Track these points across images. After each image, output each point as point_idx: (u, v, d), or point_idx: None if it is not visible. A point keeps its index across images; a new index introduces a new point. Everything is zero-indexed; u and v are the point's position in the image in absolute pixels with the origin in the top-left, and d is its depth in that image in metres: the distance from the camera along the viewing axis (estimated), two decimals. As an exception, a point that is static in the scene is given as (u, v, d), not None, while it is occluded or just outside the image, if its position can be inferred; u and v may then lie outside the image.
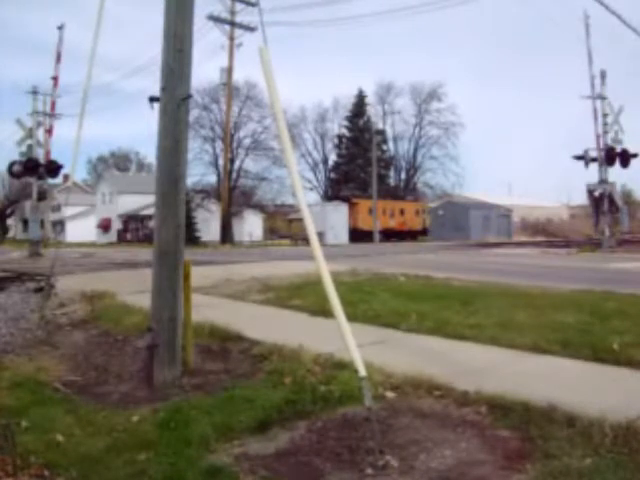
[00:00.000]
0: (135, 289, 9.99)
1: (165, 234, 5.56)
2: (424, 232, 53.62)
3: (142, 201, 50.04)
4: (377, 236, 44.22)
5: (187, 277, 5.76)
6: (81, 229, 56.88)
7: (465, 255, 24.88)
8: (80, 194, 64.89)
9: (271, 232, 54.87)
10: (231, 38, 39.19)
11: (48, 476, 3.49)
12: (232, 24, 38.10)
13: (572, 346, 5.98)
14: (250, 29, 36.45)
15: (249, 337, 6.66)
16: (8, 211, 60.36)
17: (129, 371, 5.94)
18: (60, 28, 25.95)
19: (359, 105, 65.23)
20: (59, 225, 55.12)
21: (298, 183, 4.57)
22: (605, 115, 27.36)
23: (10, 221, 64.28)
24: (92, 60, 6.13)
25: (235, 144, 48.72)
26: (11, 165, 26.27)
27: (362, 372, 3.84)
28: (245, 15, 37.11)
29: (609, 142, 27.32)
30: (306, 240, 4.31)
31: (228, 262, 18.69)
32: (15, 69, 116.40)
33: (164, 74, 5.58)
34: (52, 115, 26.58)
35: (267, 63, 4.40)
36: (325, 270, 4.06)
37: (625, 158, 27.17)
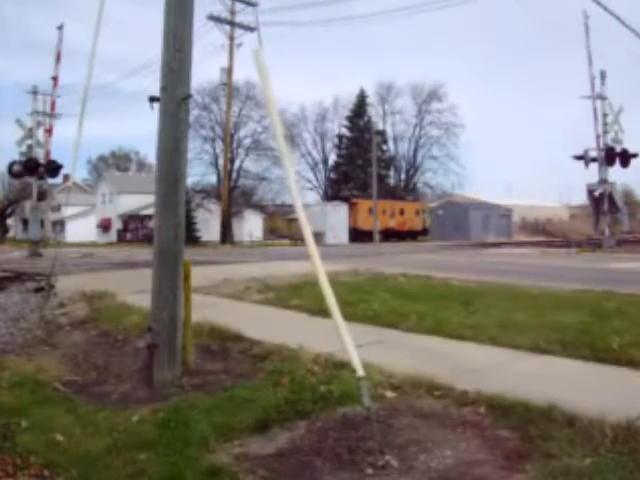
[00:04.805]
0: (135, 289, 9.99)
1: (165, 234, 5.56)
2: (424, 232, 53.61)
3: (142, 201, 49.97)
4: (377, 236, 44.14)
5: (187, 277, 5.76)
6: (81, 229, 56.80)
7: (465, 255, 24.88)
8: (80, 194, 64.82)
9: (271, 232, 54.78)
10: (231, 38, 39.17)
11: (48, 476, 3.49)
12: (232, 24, 38.07)
13: (572, 346, 5.99)
14: (250, 29, 36.39)
15: (249, 337, 6.66)
16: (8, 211, 60.30)
17: (129, 371, 5.93)
18: (60, 28, 25.98)
19: (360, 105, 65.13)
20: (59, 225, 55.10)
21: (294, 185, 4.58)
22: (605, 115, 27.38)
23: (10, 221, 64.20)
24: (92, 60, 6.12)
25: (235, 144, 48.67)
26: (11, 165, 26.26)
27: (360, 372, 3.84)
28: (245, 15, 37.11)
29: (609, 142, 27.33)
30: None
31: (228, 262, 18.70)
32: (15, 69, 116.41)
33: (164, 74, 5.57)
34: (52, 115, 26.58)
35: (262, 64, 4.39)
36: (321, 271, 4.05)
37: (625, 158, 27.18)
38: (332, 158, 66.95)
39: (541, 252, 26.77)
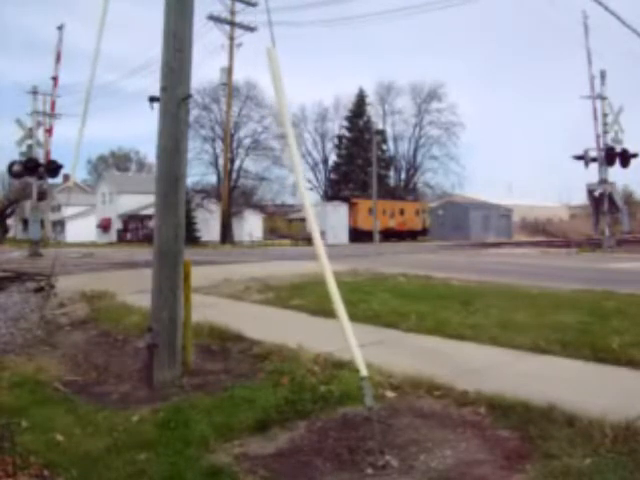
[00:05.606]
0: (135, 289, 9.99)
1: (165, 234, 5.56)
2: (424, 232, 53.64)
3: (142, 201, 50.01)
4: (377, 236, 44.18)
5: (187, 277, 5.76)
6: (81, 229, 56.86)
7: (465, 255, 24.88)
8: (80, 194, 64.88)
9: (271, 232, 54.82)
10: (231, 38, 39.21)
11: (48, 476, 3.49)
12: (232, 24, 38.12)
13: (572, 346, 5.98)
14: (250, 29, 36.51)
15: (249, 337, 6.66)
16: (8, 211, 60.31)
17: (129, 371, 5.93)
18: (60, 28, 25.99)
19: (359, 105, 65.16)
20: (59, 225, 55.12)
21: (303, 185, 4.57)
22: (605, 115, 27.38)
23: (10, 221, 64.21)
24: (95, 61, 6.10)
25: (235, 144, 48.70)
26: (11, 165, 26.26)
27: (363, 372, 3.84)
28: (245, 15, 37.20)
29: (609, 142, 27.33)
30: (306, 240, 4.30)
31: (228, 262, 18.70)
32: (15, 69, 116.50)
33: (164, 74, 5.58)
34: (52, 115, 26.60)
35: (275, 63, 4.37)
36: (329, 270, 4.05)
37: (625, 158, 27.18)
38: (332, 158, 67.10)
39: (541, 252, 26.77)
